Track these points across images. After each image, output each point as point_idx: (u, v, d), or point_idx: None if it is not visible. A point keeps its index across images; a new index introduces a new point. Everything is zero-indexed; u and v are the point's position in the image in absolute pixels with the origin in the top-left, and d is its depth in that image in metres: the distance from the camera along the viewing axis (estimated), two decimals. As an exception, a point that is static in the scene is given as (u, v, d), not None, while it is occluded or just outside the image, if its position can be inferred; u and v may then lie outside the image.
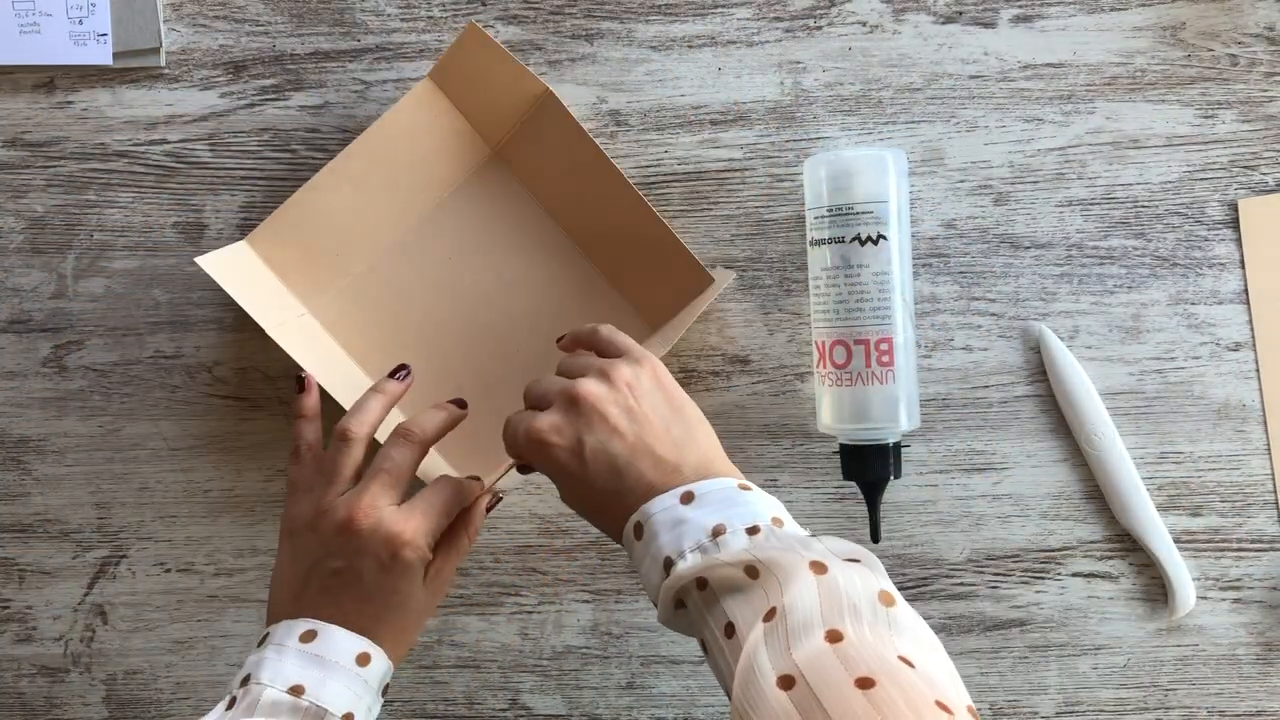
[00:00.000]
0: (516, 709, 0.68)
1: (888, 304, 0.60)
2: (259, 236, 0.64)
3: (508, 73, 0.62)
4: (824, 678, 0.37)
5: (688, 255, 0.63)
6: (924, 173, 0.66)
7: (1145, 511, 0.65)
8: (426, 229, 0.66)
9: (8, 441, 0.68)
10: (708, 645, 0.45)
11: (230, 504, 0.68)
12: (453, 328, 0.66)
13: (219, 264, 0.60)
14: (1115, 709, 0.67)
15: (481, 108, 0.64)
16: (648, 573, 0.47)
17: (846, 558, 0.44)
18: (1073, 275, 0.66)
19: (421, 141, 0.64)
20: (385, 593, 0.51)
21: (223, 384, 0.68)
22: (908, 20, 0.66)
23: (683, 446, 0.50)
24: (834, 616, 0.40)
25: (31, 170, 0.67)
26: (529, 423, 0.51)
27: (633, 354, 0.53)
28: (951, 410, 0.66)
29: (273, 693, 0.48)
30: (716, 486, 0.48)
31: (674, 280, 0.64)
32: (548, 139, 0.64)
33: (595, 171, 0.62)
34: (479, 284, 0.66)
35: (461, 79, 0.63)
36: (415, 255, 0.66)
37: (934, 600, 0.67)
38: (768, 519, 0.47)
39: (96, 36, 0.66)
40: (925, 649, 0.40)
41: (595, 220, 0.65)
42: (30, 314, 0.68)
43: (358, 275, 0.66)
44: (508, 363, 0.66)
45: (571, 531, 0.68)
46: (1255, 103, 0.65)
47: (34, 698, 0.69)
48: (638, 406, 0.50)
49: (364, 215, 0.65)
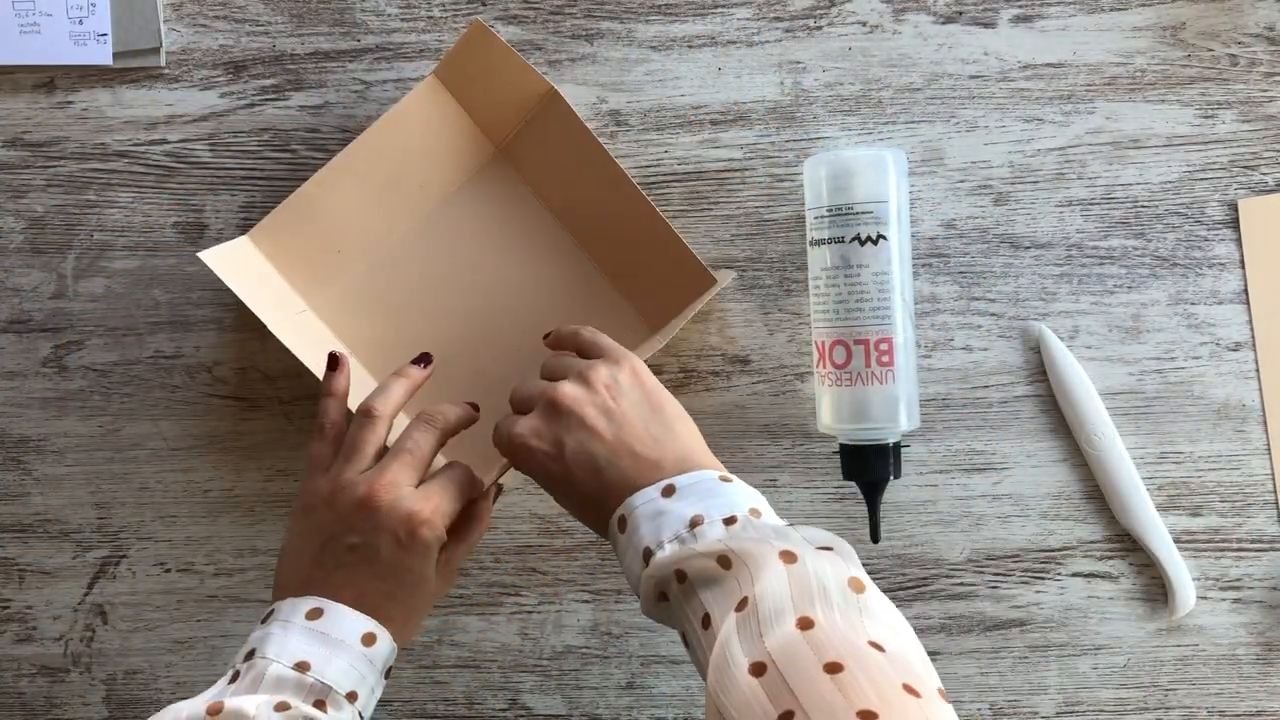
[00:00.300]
0: (516, 709, 0.68)
1: (887, 304, 0.60)
2: (261, 232, 0.64)
3: (513, 71, 0.62)
4: (794, 664, 0.37)
5: (690, 256, 0.62)
6: (924, 173, 0.66)
7: (1145, 511, 0.65)
8: (429, 226, 0.66)
9: (8, 441, 0.68)
10: (687, 638, 0.45)
11: (230, 504, 0.68)
12: (454, 325, 0.66)
13: (221, 259, 0.60)
14: (1115, 709, 0.67)
15: (486, 106, 0.64)
16: (630, 565, 0.48)
17: (819, 546, 0.45)
18: (1073, 275, 0.66)
19: (425, 139, 0.64)
20: (399, 571, 0.51)
21: (223, 384, 0.68)
22: (908, 20, 0.66)
23: (662, 442, 0.50)
24: (804, 603, 0.40)
25: (31, 170, 0.67)
26: (511, 428, 0.52)
27: (611, 355, 0.54)
28: (951, 410, 0.66)
29: (278, 668, 0.48)
30: (697, 479, 0.48)
31: (676, 281, 0.64)
32: (552, 138, 0.64)
33: (599, 171, 0.62)
34: (481, 282, 0.66)
35: (466, 77, 0.63)
36: (418, 252, 0.66)
37: (934, 600, 0.67)
38: (745, 509, 0.47)
39: (96, 36, 0.66)
40: (896, 634, 0.40)
41: (598, 219, 0.65)
42: (30, 314, 0.68)
43: (360, 272, 0.66)
44: (508, 361, 0.66)
45: (571, 531, 0.68)
46: (1255, 103, 0.65)
47: (34, 698, 0.69)
48: (616, 406, 0.51)
49: (367, 212, 0.65)
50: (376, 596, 0.51)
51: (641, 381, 0.53)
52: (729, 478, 0.49)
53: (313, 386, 0.67)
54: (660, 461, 0.49)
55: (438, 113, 0.64)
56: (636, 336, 0.66)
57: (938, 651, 0.67)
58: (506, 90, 0.63)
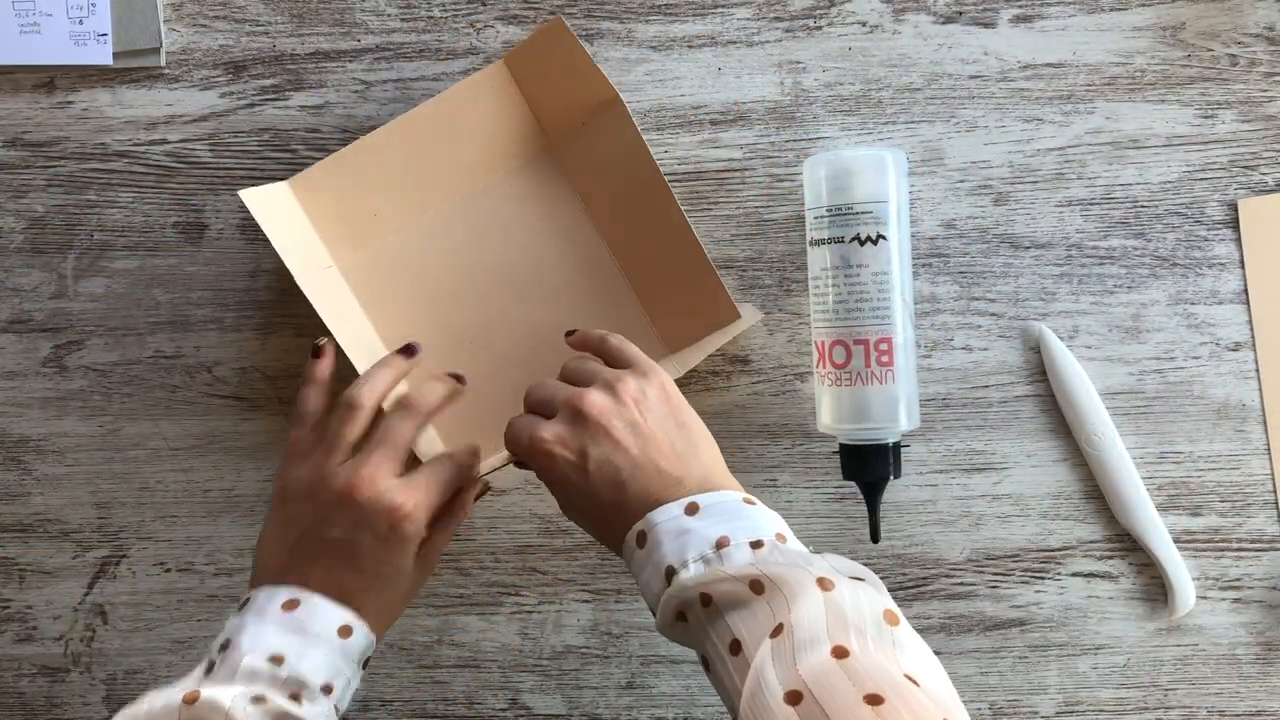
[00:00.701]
0: (516, 709, 0.68)
1: (887, 304, 0.60)
2: (302, 181, 0.64)
3: (582, 72, 0.61)
4: (831, 693, 0.37)
5: (720, 288, 0.62)
6: (924, 173, 0.66)
7: (1145, 511, 0.65)
8: (468, 208, 0.66)
9: (8, 441, 0.68)
10: (710, 660, 0.45)
11: (230, 504, 0.68)
12: (473, 308, 0.66)
13: (258, 200, 0.60)
14: (1115, 709, 0.67)
15: (549, 101, 0.64)
16: (649, 581, 0.47)
17: (851, 575, 0.44)
18: (1073, 275, 0.66)
19: (482, 122, 0.64)
20: (378, 564, 0.51)
21: (223, 384, 0.68)
22: (908, 20, 0.66)
23: (686, 460, 0.50)
24: (840, 633, 0.40)
25: (32, 170, 0.67)
26: (534, 431, 0.51)
27: (640, 366, 0.54)
28: (951, 410, 0.66)
29: (253, 659, 0.48)
30: (721, 499, 0.48)
31: (701, 308, 0.63)
32: (607, 145, 0.63)
33: (647, 186, 0.62)
34: (508, 272, 0.66)
35: (535, 69, 0.63)
36: (452, 231, 0.66)
37: (934, 600, 0.67)
38: (771, 534, 0.47)
39: (96, 36, 0.66)
40: (927, 668, 0.40)
41: (636, 233, 0.64)
42: (30, 314, 0.68)
43: (391, 239, 0.66)
44: (519, 354, 0.66)
45: (571, 531, 0.68)
46: (1255, 103, 0.65)
47: (34, 697, 0.69)
48: (643, 421, 0.50)
49: (410, 181, 0.65)
50: (354, 589, 0.51)
51: (669, 397, 0.52)
52: (752, 500, 0.49)
53: (313, 386, 0.67)
54: (683, 479, 0.49)
55: (499, 99, 0.64)
56: (651, 354, 0.66)
57: (938, 651, 0.67)
58: (571, 90, 0.63)
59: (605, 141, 0.63)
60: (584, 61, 0.61)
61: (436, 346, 0.63)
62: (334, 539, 0.51)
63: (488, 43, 0.66)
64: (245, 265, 0.67)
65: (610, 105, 0.62)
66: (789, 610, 0.42)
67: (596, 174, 0.65)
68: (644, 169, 0.62)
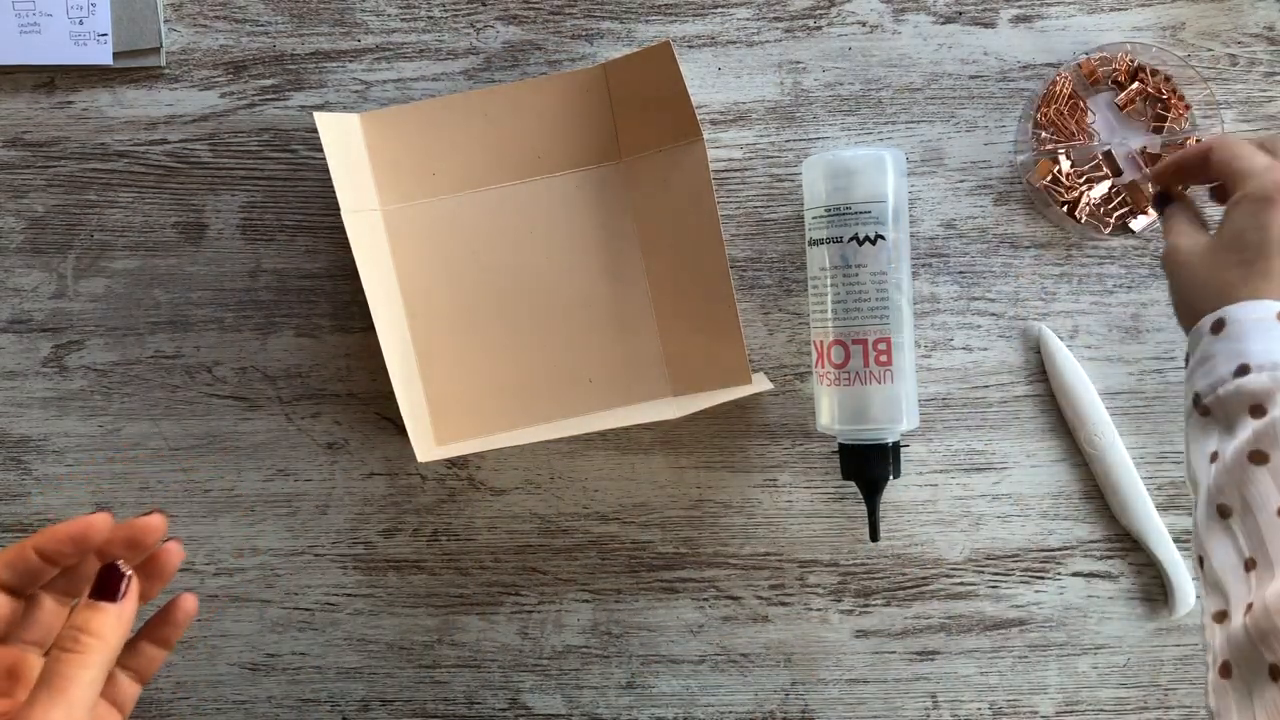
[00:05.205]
0: (516, 709, 0.68)
1: (886, 304, 0.60)
2: (373, 119, 0.64)
3: (674, 101, 0.62)
4: None
5: (742, 350, 0.63)
6: (924, 173, 0.66)
7: (1145, 511, 0.65)
8: (524, 194, 0.66)
9: (8, 441, 0.68)
10: None
11: (230, 504, 0.68)
12: (498, 292, 0.66)
13: (328, 125, 0.61)
14: (1115, 708, 0.67)
15: (633, 117, 0.64)
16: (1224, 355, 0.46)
17: None
18: (1073, 275, 0.66)
19: (564, 117, 0.65)
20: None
21: (223, 384, 0.68)
22: (908, 20, 0.66)
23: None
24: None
25: (32, 170, 0.67)
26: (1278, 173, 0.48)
27: None
28: (951, 410, 0.66)
29: None
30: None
31: (718, 362, 0.64)
32: (675, 179, 0.64)
33: (701, 229, 0.63)
34: (540, 267, 0.66)
35: (631, 83, 0.63)
36: (503, 213, 0.66)
37: (934, 600, 0.67)
38: None
39: (96, 36, 0.66)
40: None
41: (676, 270, 0.65)
42: (30, 314, 0.68)
43: (441, 202, 0.66)
44: (520, 351, 0.65)
45: (571, 531, 0.68)
46: (1255, 103, 0.65)
47: (34, 697, 0.69)
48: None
49: (477, 153, 0.65)
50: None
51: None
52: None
53: (313, 386, 0.67)
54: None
55: (588, 100, 0.64)
56: (655, 388, 0.66)
57: (938, 651, 0.67)
58: (659, 114, 0.63)
59: (675, 175, 0.64)
60: (680, 90, 0.61)
61: (451, 320, 0.65)
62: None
63: (488, 43, 0.66)
64: (245, 265, 0.67)
65: (691, 141, 0.63)
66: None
67: (656, 202, 0.65)
68: (704, 214, 0.63)
